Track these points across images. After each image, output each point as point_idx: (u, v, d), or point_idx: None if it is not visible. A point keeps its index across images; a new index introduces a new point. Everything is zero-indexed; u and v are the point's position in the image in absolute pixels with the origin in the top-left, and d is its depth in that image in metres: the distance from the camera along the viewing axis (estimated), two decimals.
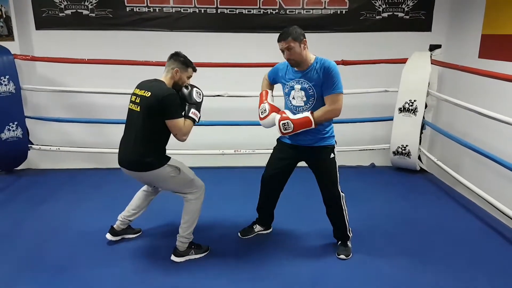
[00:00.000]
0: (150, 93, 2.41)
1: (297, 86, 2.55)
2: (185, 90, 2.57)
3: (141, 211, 2.87)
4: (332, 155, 2.64)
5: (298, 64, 2.52)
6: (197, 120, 2.57)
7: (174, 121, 2.43)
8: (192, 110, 2.54)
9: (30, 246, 2.83)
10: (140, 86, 2.53)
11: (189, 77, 2.60)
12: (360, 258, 2.72)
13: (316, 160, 2.68)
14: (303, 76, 2.54)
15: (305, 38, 2.49)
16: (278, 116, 2.56)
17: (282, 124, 2.53)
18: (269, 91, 2.79)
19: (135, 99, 2.48)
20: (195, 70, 2.62)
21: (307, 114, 2.50)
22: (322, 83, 2.48)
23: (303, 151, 2.66)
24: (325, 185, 2.68)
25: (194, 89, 2.59)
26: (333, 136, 2.68)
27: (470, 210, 3.50)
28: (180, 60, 2.53)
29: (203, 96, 2.63)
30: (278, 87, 2.80)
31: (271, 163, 2.82)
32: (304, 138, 2.62)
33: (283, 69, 2.68)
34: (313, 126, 2.49)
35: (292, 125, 2.51)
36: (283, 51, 2.49)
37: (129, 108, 2.54)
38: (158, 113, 2.41)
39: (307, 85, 2.52)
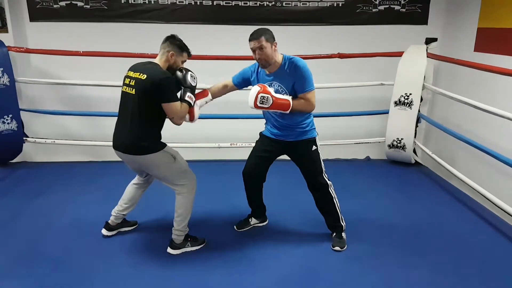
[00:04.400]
0: (145, 76, 2.37)
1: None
2: (179, 74, 2.54)
3: (134, 204, 2.85)
4: (314, 147, 2.66)
5: (268, 65, 2.52)
6: (192, 104, 2.55)
7: (171, 104, 2.41)
8: (188, 93, 2.52)
9: (26, 239, 2.83)
10: (134, 68, 2.49)
11: (183, 62, 2.56)
12: (355, 250, 2.74)
13: (298, 155, 2.70)
14: (275, 79, 2.55)
15: (275, 41, 2.51)
16: (258, 88, 2.48)
17: (261, 96, 2.45)
18: (209, 96, 2.74)
19: (130, 81, 2.44)
20: (190, 55, 2.58)
21: (289, 97, 2.50)
22: (294, 82, 2.50)
23: (285, 145, 2.68)
24: (310, 175, 2.71)
25: (189, 73, 2.56)
26: (314, 128, 2.70)
27: (465, 203, 3.52)
28: (176, 44, 2.49)
29: (197, 80, 2.60)
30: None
31: (251, 157, 2.84)
32: (285, 134, 2.65)
33: (254, 72, 2.68)
34: (288, 111, 2.49)
35: (271, 101, 2.45)
36: (254, 51, 2.48)
37: (122, 91, 2.50)
38: (154, 96, 2.38)
39: (280, 87, 2.54)
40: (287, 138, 2.65)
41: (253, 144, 4.40)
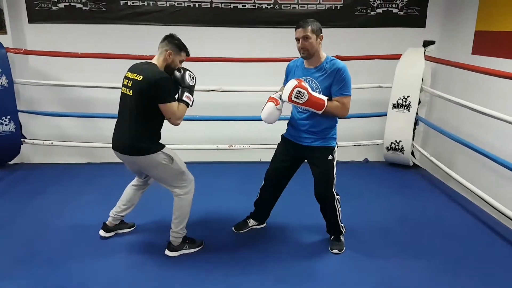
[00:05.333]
0: (142, 77, 2.37)
1: None
2: (177, 74, 2.52)
3: (132, 206, 2.84)
4: (330, 157, 2.62)
5: (309, 57, 2.49)
6: (190, 104, 2.53)
7: (168, 105, 2.40)
8: (186, 93, 2.50)
9: (24, 241, 2.82)
10: (132, 69, 2.49)
11: (181, 61, 2.55)
12: (353, 253, 2.74)
13: (314, 160, 2.67)
14: (312, 75, 2.52)
15: (322, 34, 2.49)
16: (295, 82, 2.42)
17: (297, 91, 2.39)
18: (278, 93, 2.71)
19: (127, 82, 2.44)
20: (188, 55, 2.56)
21: (325, 97, 2.46)
22: (331, 84, 2.48)
23: (303, 149, 2.65)
24: (320, 185, 2.67)
25: (187, 72, 2.55)
26: (335, 138, 2.67)
27: (463, 205, 3.53)
28: (174, 43, 2.48)
29: (195, 80, 2.59)
30: None
31: (276, 159, 2.81)
32: (306, 137, 2.62)
33: (293, 67, 2.66)
34: (321, 112, 2.45)
35: (306, 97, 2.40)
36: (298, 40, 2.46)
37: (121, 92, 2.50)
38: (151, 97, 2.37)
39: (314, 84, 2.51)
40: (306, 142, 2.62)
41: (252, 146, 4.46)
